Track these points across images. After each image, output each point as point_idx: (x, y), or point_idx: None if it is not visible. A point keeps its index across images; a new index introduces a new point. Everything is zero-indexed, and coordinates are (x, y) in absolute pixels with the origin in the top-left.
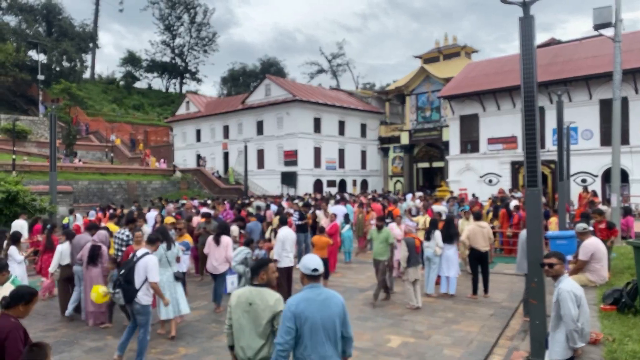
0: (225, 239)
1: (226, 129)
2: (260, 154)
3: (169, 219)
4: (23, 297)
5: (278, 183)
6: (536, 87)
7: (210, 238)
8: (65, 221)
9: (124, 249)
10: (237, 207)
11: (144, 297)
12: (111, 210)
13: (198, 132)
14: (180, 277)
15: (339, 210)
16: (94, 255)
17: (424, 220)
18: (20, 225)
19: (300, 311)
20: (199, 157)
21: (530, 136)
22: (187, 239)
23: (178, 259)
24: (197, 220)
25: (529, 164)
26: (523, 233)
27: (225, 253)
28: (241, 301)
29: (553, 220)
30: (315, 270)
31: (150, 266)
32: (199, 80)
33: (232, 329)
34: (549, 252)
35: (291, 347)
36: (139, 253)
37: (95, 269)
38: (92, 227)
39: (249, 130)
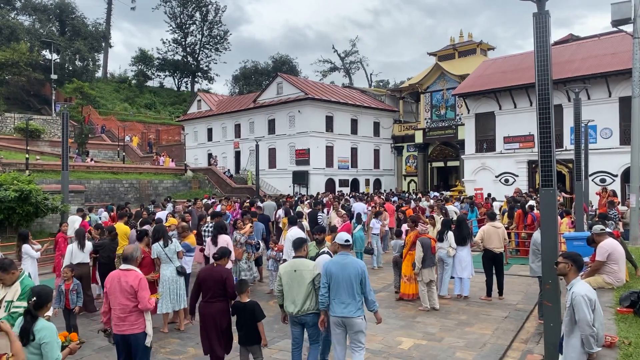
0: (223, 239)
1: (238, 128)
2: (272, 152)
3: (172, 220)
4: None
5: (290, 182)
6: (551, 84)
7: (209, 239)
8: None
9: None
10: (246, 207)
11: None
12: (122, 210)
13: (209, 131)
14: (183, 272)
15: (361, 207)
16: None
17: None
18: (72, 220)
19: (329, 271)
20: (210, 156)
21: (545, 135)
22: (190, 240)
23: (180, 254)
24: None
25: (544, 163)
26: (536, 234)
27: None
28: (287, 270)
29: (564, 221)
30: (347, 241)
31: None
32: (210, 79)
33: (282, 292)
34: (563, 253)
35: (327, 296)
36: None
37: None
38: (97, 227)
39: (261, 129)
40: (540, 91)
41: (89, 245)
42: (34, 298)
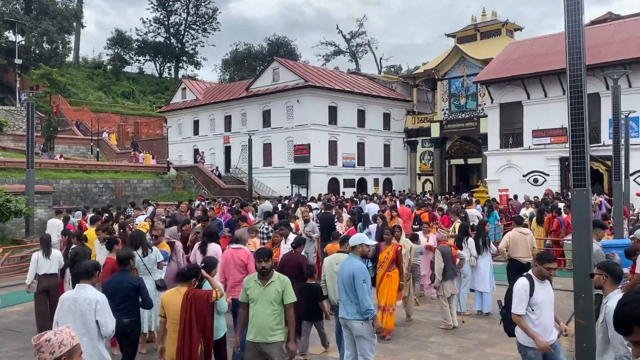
0: (212, 248)
1: (228, 120)
2: (267, 148)
3: (144, 225)
4: None
5: (287, 182)
6: (584, 69)
7: (196, 246)
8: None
9: (265, 242)
10: (235, 209)
11: None
12: (95, 214)
13: (195, 124)
14: (162, 287)
15: (374, 208)
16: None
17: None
18: (52, 224)
19: (339, 269)
20: (196, 152)
21: (578, 127)
22: (165, 247)
23: (160, 265)
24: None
25: (576, 159)
26: (568, 243)
27: None
28: (330, 261)
29: None
30: (352, 241)
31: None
32: (197, 64)
33: (326, 283)
34: (597, 263)
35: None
36: None
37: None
38: (64, 234)
39: (254, 121)
40: (572, 78)
41: (55, 253)
42: None
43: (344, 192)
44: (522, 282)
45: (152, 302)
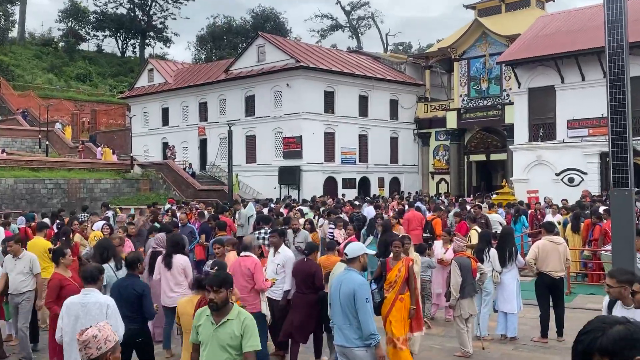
0: (179, 260)
1: (204, 108)
2: (251, 141)
3: (96, 233)
4: None
5: (275, 182)
6: (627, 47)
7: (159, 260)
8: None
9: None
10: (212, 215)
11: None
12: (43, 219)
13: (165, 112)
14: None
15: (372, 213)
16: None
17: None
18: None
19: (330, 287)
20: (166, 146)
21: (618, 116)
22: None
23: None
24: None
25: (616, 154)
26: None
27: (180, 278)
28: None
29: None
30: (345, 254)
31: None
32: (167, 41)
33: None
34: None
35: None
36: None
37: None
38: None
39: (235, 109)
40: (612, 56)
41: None
42: None
43: (343, 194)
44: None
45: (155, 313)
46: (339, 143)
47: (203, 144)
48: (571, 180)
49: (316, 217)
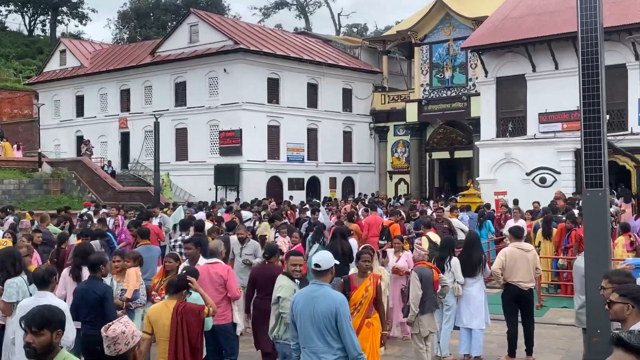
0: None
1: (126, 96)
2: (182, 135)
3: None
4: None
5: (210, 183)
6: (601, 30)
7: (65, 272)
8: None
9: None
10: (135, 221)
11: None
12: None
13: (80, 101)
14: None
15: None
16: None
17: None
18: None
19: (294, 306)
20: (81, 140)
21: (591, 109)
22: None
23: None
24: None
25: (590, 151)
26: (579, 262)
27: None
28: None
29: (620, 241)
30: (316, 265)
31: None
32: (83, 18)
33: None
34: (619, 288)
35: (297, 339)
36: None
37: None
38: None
39: (163, 97)
40: (585, 42)
41: None
42: None
43: (291, 197)
44: None
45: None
46: (284, 138)
47: (125, 139)
48: (543, 180)
49: (256, 222)
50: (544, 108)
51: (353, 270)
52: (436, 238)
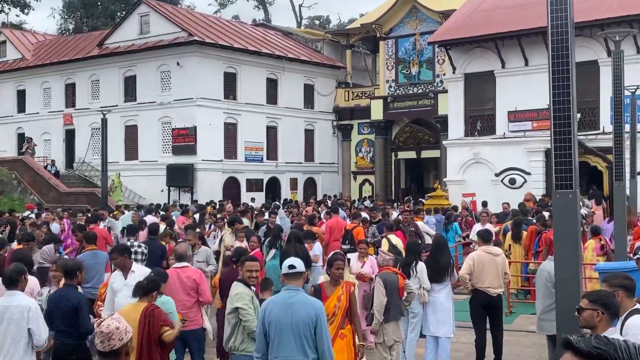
0: (30, 284)
1: (71, 90)
2: (131, 133)
3: None
4: None
5: (163, 184)
6: (572, 27)
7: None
8: None
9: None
10: (80, 225)
11: None
12: None
13: (21, 96)
14: None
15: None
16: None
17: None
18: None
19: (268, 314)
20: (21, 138)
21: (563, 107)
22: None
23: None
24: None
25: (560, 151)
26: (544, 266)
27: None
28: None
29: (590, 244)
30: (291, 267)
31: None
32: (24, 7)
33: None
34: (589, 294)
35: (264, 351)
36: None
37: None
38: None
39: (111, 92)
40: (555, 37)
41: None
42: None
43: (253, 199)
44: None
45: (92, 328)
46: (242, 136)
47: (70, 136)
48: (512, 181)
49: (211, 226)
50: (514, 106)
51: (323, 277)
52: (397, 241)
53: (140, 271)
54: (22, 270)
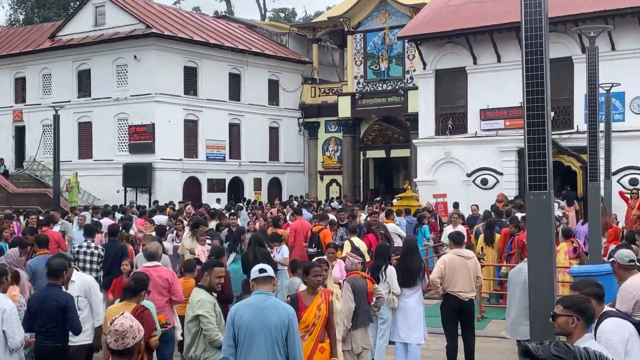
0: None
1: (21, 85)
2: (85, 130)
3: None
4: None
5: (119, 184)
6: (546, 22)
7: None
8: None
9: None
10: (31, 228)
11: None
12: None
13: None
14: None
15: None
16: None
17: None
18: None
19: (237, 318)
20: None
21: (536, 105)
22: None
23: None
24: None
25: (533, 151)
26: (522, 268)
27: None
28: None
29: (562, 247)
30: (262, 270)
31: None
32: None
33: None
34: (563, 299)
35: (233, 356)
36: None
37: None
38: None
39: (64, 87)
40: (528, 33)
41: None
42: None
43: (218, 199)
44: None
45: (81, 327)
46: (203, 134)
47: (20, 133)
48: (484, 181)
49: (172, 229)
50: (486, 104)
51: (302, 286)
52: (359, 243)
53: (79, 278)
54: (4, 272)
